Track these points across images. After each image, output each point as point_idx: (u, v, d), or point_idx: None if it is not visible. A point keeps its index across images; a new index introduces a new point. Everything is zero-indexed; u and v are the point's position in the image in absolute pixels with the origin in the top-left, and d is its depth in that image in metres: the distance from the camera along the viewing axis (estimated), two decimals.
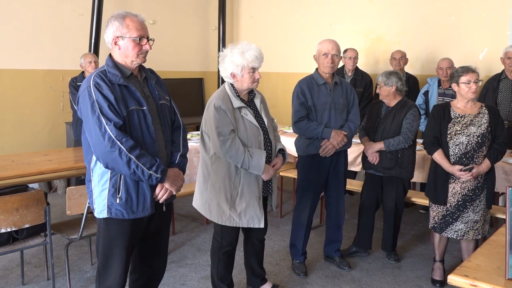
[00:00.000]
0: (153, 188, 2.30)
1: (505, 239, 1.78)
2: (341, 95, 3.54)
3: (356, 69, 5.37)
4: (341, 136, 3.45)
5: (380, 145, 3.72)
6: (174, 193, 2.39)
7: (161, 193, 2.33)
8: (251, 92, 2.96)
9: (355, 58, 5.32)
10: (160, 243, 2.56)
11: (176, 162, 2.44)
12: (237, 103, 2.82)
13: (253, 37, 7.34)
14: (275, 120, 3.16)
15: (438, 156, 3.32)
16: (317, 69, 3.55)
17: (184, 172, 2.49)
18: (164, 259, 2.63)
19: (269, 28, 7.27)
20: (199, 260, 3.85)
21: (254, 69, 2.81)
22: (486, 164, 3.23)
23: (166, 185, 2.32)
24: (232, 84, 2.88)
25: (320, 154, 3.47)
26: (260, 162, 2.77)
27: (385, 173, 3.78)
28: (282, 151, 3.02)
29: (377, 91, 3.88)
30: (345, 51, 5.33)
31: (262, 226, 2.90)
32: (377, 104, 3.92)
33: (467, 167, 3.20)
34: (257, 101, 2.96)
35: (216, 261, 3.03)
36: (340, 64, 5.36)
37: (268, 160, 2.88)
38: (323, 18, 6.61)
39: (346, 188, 3.89)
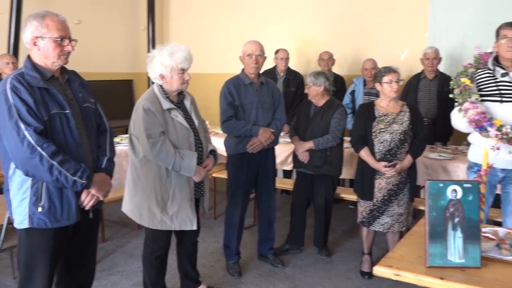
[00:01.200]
0: (78, 194, 2.21)
1: (425, 230, 1.88)
2: (267, 94, 3.62)
3: (288, 69, 5.48)
4: (268, 133, 3.52)
5: (310, 144, 3.82)
6: (101, 198, 2.31)
7: (87, 200, 2.24)
8: (181, 94, 2.93)
9: (287, 59, 5.42)
10: (87, 251, 2.46)
11: (103, 166, 2.36)
12: (166, 104, 2.78)
13: (184, 37, 7.25)
14: (206, 122, 3.15)
15: (364, 154, 3.45)
16: (243, 69, 3.60)
17: (111, 176, 2.42)
18: (92, 268, 2.53)
19: (201, 28, 7.22)
20: (131, 267, 3.75)
21: (183, 70, 2.79)
22: (408, 159, 3.41)
23: (92, 191, 2.24)
24: (161, 86, 2.83)
25: (248, 150, 3.51)
26: (191, 164, 2.75)
27: (315, 171, 3.88)
28: (213, 152, 3.02)
29: (306, 91, 3.98)
30: (276, 51, 5.42)
31: (194, 228, 2.88)
32: (306, 104, 4.02)
33: (391, 164, 3.36)
34: (187, 103, 2.94)
35: (148, 267, 2.96)
36: (272, 65, 5.48)
37: (200, 162, 2.86)
38: (255, 19, 6.67)
39: (283, 188, 3.96)
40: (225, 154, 3.76)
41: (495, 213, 3.42)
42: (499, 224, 3.23)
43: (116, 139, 4.47)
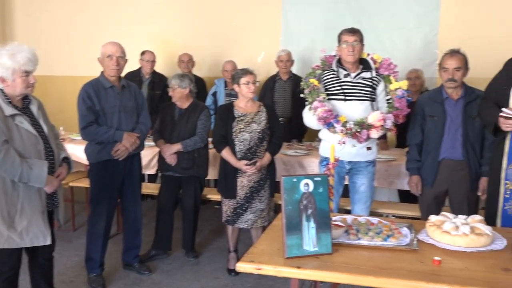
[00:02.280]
0: None
1: (282, 223, 1.98)
2: (130, 98, 3.49)
3: (154, 72, 5.36)
4: (133, 138, 3.40)
5: (177, 147, 3.78)
6: None
7: None
8: (26, 98, 2.68)
9: (153, 61, 5.32)
10: None
11: None
12: (9, 110, 2.52)
13: (32, 37, 6.64)
14: (61, 128, 2.92)
15: (226, 153, 3.52)
16: (102, 72, 3.42)
17: None
18: None
19: (51, 28, 6.68)
20: None
21: (27, 73, 2.55)
22: (267, 157, 3.56)
23: None
24: (2, 90, 2.56)
25: (113, 156, 3.36)
26: (41, 174, 2.52)
27: (184, 173, 3.86)
28: (67, 159, 2.81)
29: (171, 93, 3.92)
30: (142, 53, 5.30)
31: (48, 243, 2.65)
32: (169, 106, 3.97)
33: (251, 162, 3.48)
34: (33, 108, 2.69)
35: None
36: (137, 66, 5.31)
37: (51, 171, 2.64)
38: (110, 19, 6.39)
39: (148, 193, 3.86)
40: (85, 162, 3.54)
41: (345, 202, 3.74)
42: (348, 212, 3.54)
43: None
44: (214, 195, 4.25)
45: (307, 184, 1.99)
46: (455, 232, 2.06)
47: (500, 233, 2.16)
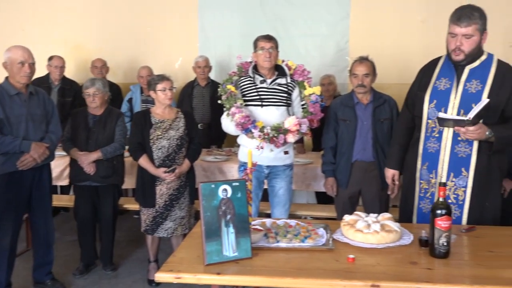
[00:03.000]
0: None
1: (201, 230, 1.96)
2: (38, 105, 3.30)
3: (64, 78, 5.11)
4: (42, 148, 3.21)
5: (97, 154, 3.63)
6: None
7: None
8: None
9: (62, 67, 5.07)
10: None
11: None
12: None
13: None
14: None
15: (143, 161, 3.44)
16: (7, 78, 3.21)
17: None
18: None
19: None
20: None
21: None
22: (186, 164, 3.52)
23: None
24: None
25: (18, 167, 3.15)
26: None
27: (104, 182, 3.73)
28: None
29: (90, 99, 3.72)
30: (50, 58, 5.03)
31: None
32: (81, 113, 3.80)
33: (170, 169, 3.42)
34: None
35: None
36: (44, 72, 5.02)
37: None
38: (15, 22, 6.01)
39: (61, 205, 3.66)
40: None
41: (265, 206, 3.79)
42: (269, 215, 3.59)
43: None
44: (132, 205, 4.13)
45: (225, 189, 1.99)
46: (367, 230, 2.16)
47: (408, 229, 2.31)
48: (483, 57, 2.59)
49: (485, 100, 2.44)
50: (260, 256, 2.03)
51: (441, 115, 2.47)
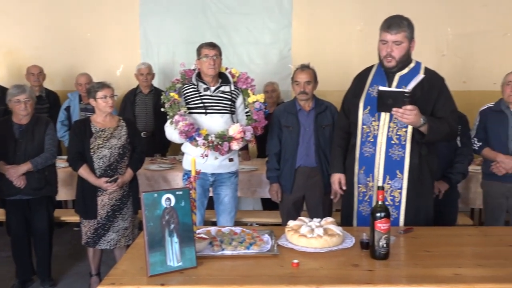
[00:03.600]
0: None
1: (144, 240, 1.92)
2: None
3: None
4: None
5: (27, 166, 3.46)
6: None
7: None
8: None
9: None
10: None
11: None
12: None
13: None
14: None
15: (83, 171, 3.33)
16: None
17: None
18: None
19: None
20: None
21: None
22: (129, 173, 3.44)
23: None
24: None
25: None
26: None
27: (35, 194, 3.55)
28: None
29: (21, 107, 3.52)
30: None
31: None
32: (4, 123, 3.59)
33: (112, 179, 3.33)
34: None
35: None
36: None
37: None
38: None
39: None
40: None
41: (210, 214, 3.77)
42: (215, 223, 3.57)
43: None
44: (71, 217, 3.97)
45: (168, 198, 1.96)
46: (311, 235, 2.20)
47: (350, 232, 2.36)
48: (412, 65, 2.72)
49: (420, 75, 2.59)
50: (205, 265, 2.02)
51: (382, 88, 2.54)
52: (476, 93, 5.54)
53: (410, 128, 2.63)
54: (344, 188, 2.93)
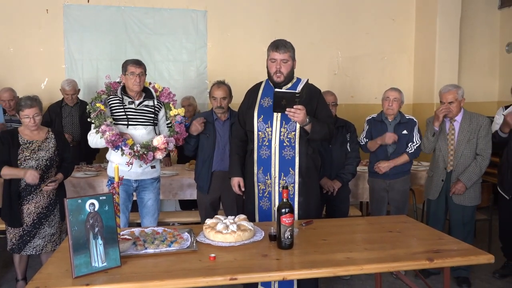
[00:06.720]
0: None
1: (69, 244, 1.80)
2: None
3: None
4: None
5: None
6: None
7: None
8: None
9: None
10: None
11: None
12: None
13: None
14: None
15: (7, 170, 3.04)
16: None
17: None
18: None
19: None
20: None
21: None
22: (60, 175, 3.19)
23: None
24: None
25: None
26: None
27: None
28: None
29: None
30: None
31: None
32: None
33: (50, 180, 3.10)
34: None
35: None
36: None
37: None
38: None
39: None
40: None
41: (135, 216, 3.63)
42: (139, 225, 3.45)
43: None
44: None
45: (92, 204, 1.86)
46: (226, 231, 2.20)
47: (260, 227, 2.40)
48: (294, 80, 2.89)
49: (304, 79, 2.84)
50: (129, 263, 1.94)
51: (277, 90, 2.62)
52: (361, 105, 5.93)
53: (298, 132, 2.77)
54: (243, 189, 2.98)
